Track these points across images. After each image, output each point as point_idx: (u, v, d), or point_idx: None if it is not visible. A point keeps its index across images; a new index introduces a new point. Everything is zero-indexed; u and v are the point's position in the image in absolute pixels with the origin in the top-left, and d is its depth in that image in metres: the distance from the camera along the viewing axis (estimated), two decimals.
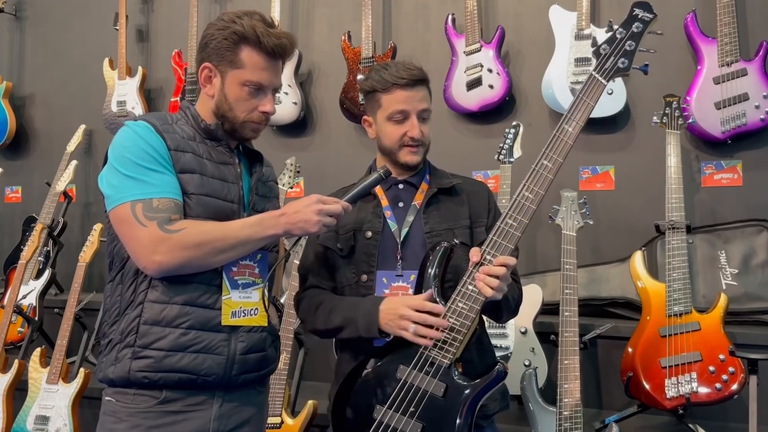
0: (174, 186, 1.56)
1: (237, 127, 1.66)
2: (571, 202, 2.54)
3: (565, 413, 2.26)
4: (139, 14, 4.37)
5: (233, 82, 1.63)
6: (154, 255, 1.50)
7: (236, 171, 1.68)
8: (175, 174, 1.57)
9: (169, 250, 1.50)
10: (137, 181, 1.54)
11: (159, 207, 1.52)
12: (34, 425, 2.96)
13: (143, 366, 1.54)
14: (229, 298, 1.61)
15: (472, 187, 1.90)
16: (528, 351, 2.63)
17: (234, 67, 1.62)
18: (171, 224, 1.52)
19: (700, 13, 2.97)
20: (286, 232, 1.58)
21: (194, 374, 1.56)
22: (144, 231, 1.51)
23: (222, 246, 1.54)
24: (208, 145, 1.66)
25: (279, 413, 2.64)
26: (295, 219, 1.56)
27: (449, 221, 1.79)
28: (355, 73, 3.55)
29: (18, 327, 3.62)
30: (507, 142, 2.90)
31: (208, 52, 1.64)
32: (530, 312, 2.67)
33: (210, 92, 1.65)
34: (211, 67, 1.64)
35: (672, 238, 2.56)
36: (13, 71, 4.75)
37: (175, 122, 1.66)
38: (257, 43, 1.61)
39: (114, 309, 1.61)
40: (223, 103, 1.64)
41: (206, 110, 1.68)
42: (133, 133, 1.58)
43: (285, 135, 3.86)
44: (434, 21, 3.58)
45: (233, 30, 1.61)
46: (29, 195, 4.61)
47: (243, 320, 1.62)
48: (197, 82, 1.71)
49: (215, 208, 1.60)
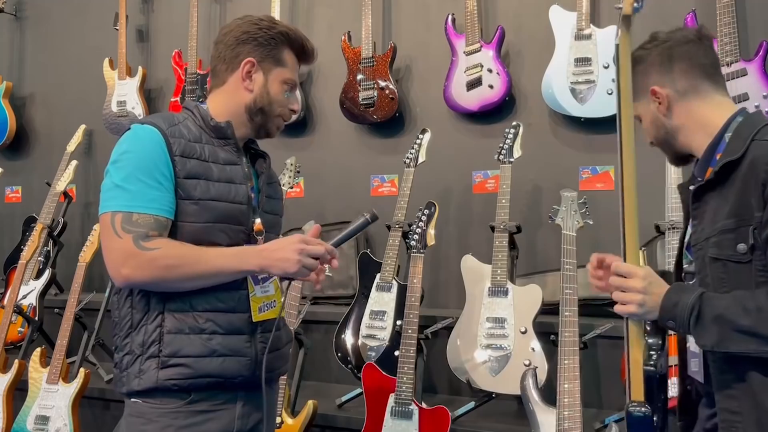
0: (164, 203, 1.55)
1: (269, 121, 1.72)
2: (571, 202, 2.54)
3: (565, 413, 2.26)
4: (139, 14, 4.37)
5: (276, 79, 1.70)
6: (123, 268, 1.51)
7: (244, 171, 1.70)
8: (172, 188, 1.57)
9: (138, 265, 1.51)
10: (125, 192, 1.54)
11: (138, 221, 1.52)
12: (34, 425, 2.96)
13: (172, 374, 1.56)
14: (254, 295, 1.64)
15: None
16: (528, 351, 2.63)
17: (279, 65, 1.70)
18: (147, 240, 1.52)
19: (700, 13, 2.97)
20: (264, 269, 1.57)
21: (222, 377, 1.59)
22: (118, 243, 1.52)
23: (192, 273, 1.54)
24: (215, 145, 1.67)
25: (279, 413, 2.65)
26: (274, 256, 1.55)
27: None
28: (355, 73, 3.55)
29: (18, 327, 3.62)
30: (507, 142, 2.90)
31: (249, 49, 1.68)
32: (530, 312, 2.67)
33: (249, 87, 1.68)
34: (255, 62, 1.68)
35: (672, 238, 2.56)
36: (13, 71, 4.75)
37: (181, 122, 1.66)
38: (300, 47, 1.73)
39: (125, 321, 1.61)
40: (264, 98, 1.69)
41: (222, 107, 1.70)
42: (137, 139, 1.59)
43: (285, 135, 3.86)
44: (434, 21, 3.58)
45: (279, 31, 1.70)
46: (29, 195, 4.61)
47: (267, 314, 1.66)
48: (197, 81, 1.73)
49: (223, 211, 1.61)
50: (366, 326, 2.91)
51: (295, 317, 2.80)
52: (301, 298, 2.89)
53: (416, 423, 2.52)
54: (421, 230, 2.77)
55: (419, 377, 2.70)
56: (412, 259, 2.75)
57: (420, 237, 2.76)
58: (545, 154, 3.26)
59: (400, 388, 2.56)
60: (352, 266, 3.43)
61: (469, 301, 2.81)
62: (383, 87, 3.49)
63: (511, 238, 2.84)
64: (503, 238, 2.79)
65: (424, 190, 3.22)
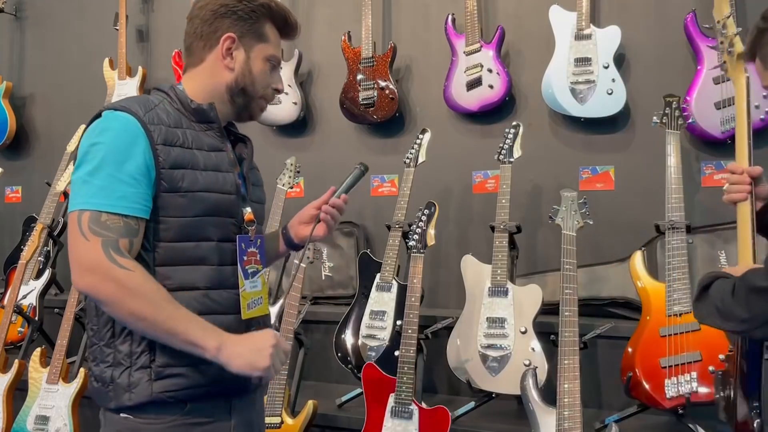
0: (136, 200, 1.40)
1: (252, 102, 1.59)
2: (571, 202, 2.54)
3: (564, 413, 2.26)
4: (139, 14, 4.37)
5: (258, 56, 1.57)
6: (87, 275, 1.37)
7: (230, 157, 1.56)
8: (150, 183, 1.42)
9: (104, 279, 1.35)
10: (92, 188, 1.38)
11: (107, 223, 1.37)
12: (34, 425, 2.96)
13: (168, 386, 1.43)
14: (244, 290, 1.52)
15: None
16: (528, 351, 2.63)
17: (261, 41, 1.57)
18: (119, 254, 1.36)
19: (700, 13, 2.97)
20: (217, 359, 1.39)
21: (220, 383, 1.46)
22: (84, 246, 1.36)
23: (146, 319, 1.37)
24: (197, 129, 1.52)
25: (279, 413, 2.65)
26: (244, 354, 1.39)
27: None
28: (355, 73, 3.55)
29: (18, 327, 3.62)
30: (507, 142, 2.90)
31: (228, 23, 1.54)
32: (530, 312, 2.67)
33: (230, 65, 1.55)
34: (235, 38, 1.54)
35: (672, 238, 2.56)
36: (13, 71, 4.75)
37: (158, 105, 1.50)
38: (283, 20, 1.60)
39: (106, 329, 1.46)
40: (246, 76, 1.56)
41: (200, 88, 1.56)
42: (109, 129, 1.43)
43: (285, 135, 3.86)
44: (434, 21, 3.58)
45: (260, 3, 1.56)
46: (29, 195, 4.61)
47: (255, 311, 1.55)
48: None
49: (214, 203, 1.49)
50: (366, 326, 2.91)
51: (295, 317, 2.80)
52: (301, 298, 2.89)
53: (416, 423, 2.52)
54: (421, 230, 2.77)
55: (419, 377, 2.70)
56: (412, 259, 2.75)
57: (420, 237, 2.76)
58: (545, 154, 3.26)
59: (400, 388, 2.56)
60: (352, 266, 3.43)
61: (469, 301, 2.81)
62: (383, 87, 3.49)
63: (511, 238, 2.84)
64: (503, 238, 2.79)
65: (424, 190, 3.23)
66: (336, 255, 3.54)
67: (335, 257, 3.54)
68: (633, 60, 3.18)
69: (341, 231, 3.57)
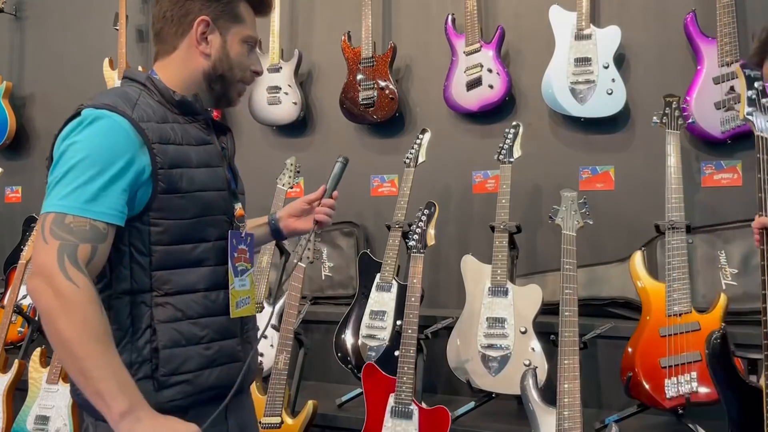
0: (111, 205, 1.29)
1: (230, 88, 1.50)
2: (571, 202, 2.54)
3: (564, 413, 2.26)
4: (139, 14, 4.37)
5: (235, 39, 1.47)
6: (33, 279, 1.25)
7: (218, 150, 1.48)
8: (130, 188, 1.31)
9: (42, 287, 1.23)
10: (64, 189, 1.27)
11: (71, 226, 1.25)
12: (34, 425, 2.96)
13: (173, 395, 1.37)
14: (234, 288, 1.45)
15: None
16: (528, 351, 2.63)
17: (236, 22, 1.47)
18: (74, 263, 1.23)
19: (700, 13, 2.97)
20: (115, 425, 1.22)
21: (223, 387, 1.40)
22: (42, 248, 1.25)
23: (66, 345, 1.21)
24: (182, 122, 1.43)
25: (279, 413, 2.65)
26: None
27: None
28: (355, 73, 3.55)
29: (18, 327, 3.62)
30: (507, 142, 2.91)
31: (200, 5, 1.43)
32: (530, 312, 2.67)
33: (206, 51, 1.45)
34: (209, 21, 1.43)
35: (672, 238, 2.56)
36: (13, 71, 4.75)
37: (139, 99, 1.39)
38: None
39: None
40: (224, 62, 1.46)
41: (175, 77, 1.46)
42: (90, 128, 1.33)
43: (285, 135, 3.86)
44: (434, 21, 3.58)
45: None
46: (29, 195, 4.61)
47: (243, 310, 1.48)
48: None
49: (210, 201, 1.42)
50: (366, 326, 2.91)
51: (295, 317, 2.80)
52: (301, 298, 2.89)
53: (416, 423, 2.52)
54: (421, 230, 2.77)
55: (419, 377, 2.70)
56: (412, 259, 2.75)
57: (420, 237, 2.76)
58: (545, 154, 3.26)
59: (400, 388, 2.56)
60: (352, 266, 3.43)
61: (469, 301, 2.81)
62: (383, 87, 3.49)
63: (511, 238, 2.84)
64: (503, 238, 2.79)
65: (424, 190, 3.23)
66: (336, 255, 3.54)
67: (335, 257, 3.54)
68: (633, 60, 3.18)
69: (341, 231, 3.57)
